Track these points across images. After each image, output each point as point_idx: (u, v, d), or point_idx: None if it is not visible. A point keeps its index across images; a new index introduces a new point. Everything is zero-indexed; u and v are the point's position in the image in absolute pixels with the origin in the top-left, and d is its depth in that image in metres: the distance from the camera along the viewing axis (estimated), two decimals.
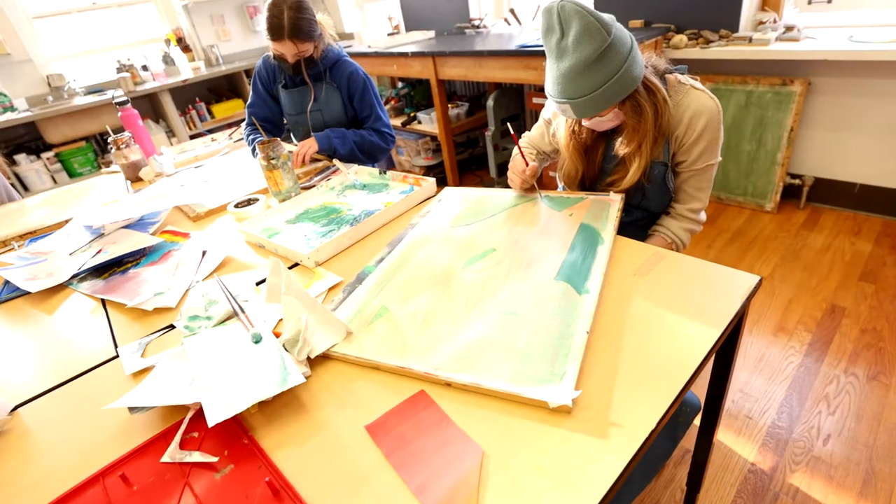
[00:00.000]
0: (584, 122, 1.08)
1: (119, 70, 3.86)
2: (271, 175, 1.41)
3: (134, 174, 1.90)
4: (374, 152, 1.81)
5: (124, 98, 2.00)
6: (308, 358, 0.78)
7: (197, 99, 4.27)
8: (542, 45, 1.01)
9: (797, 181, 2.39)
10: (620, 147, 1.09)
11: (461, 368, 0.69)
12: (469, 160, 3.51)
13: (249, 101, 1.83)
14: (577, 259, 0.89)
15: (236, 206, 1.42)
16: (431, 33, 3.40)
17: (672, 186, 1.14)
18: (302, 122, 1.78)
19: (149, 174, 1.87)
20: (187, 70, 4.15)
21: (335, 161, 1.45)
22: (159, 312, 1.01)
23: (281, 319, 0.88)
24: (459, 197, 1.23)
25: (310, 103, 1.71)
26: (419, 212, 1.19)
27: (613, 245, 0.93)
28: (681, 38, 2.29)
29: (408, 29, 3.78)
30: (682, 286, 0.81)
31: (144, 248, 1.28)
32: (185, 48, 4.26)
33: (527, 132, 1.37)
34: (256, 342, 0.82)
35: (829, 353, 1.66)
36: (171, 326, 0.95)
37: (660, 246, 1.18)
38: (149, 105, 4.17)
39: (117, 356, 0.90)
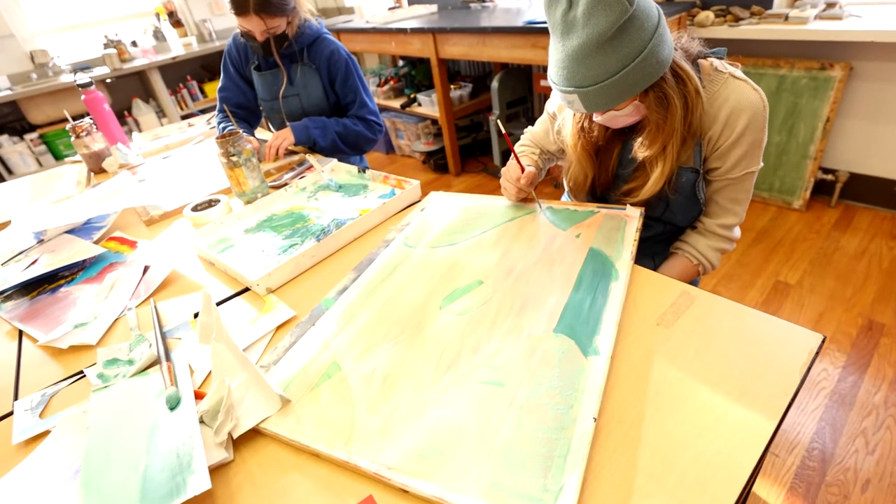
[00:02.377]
0: (596, 118, 0.88)
1: (106, 46, 3.65)
2: (233, 174, 1.22)
3: (97, 165, 1.72)
4: (360, 144, 1.61)
5: (87, 80, 1.80)
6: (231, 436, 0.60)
7: (188, 77, 4.06)
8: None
9: (830, 177, 2.16)
10: (640, 149, 0.89)
11: (422, 471, 0.51)
12: (472, 145, 3.29)
13: (220, 84, 1.63)
14: (583, 302, 0.70)
15: (194, 209, 1.24)
16: (434, 7, 3.15)
17: (703, 198, 0.94)
18: (277, 109, 1.58)
19: (112, 165, 1.68)
20: (178, 46, 3.92)
21: (309, 157, 1.26)
22: (77, 351, 0.83)
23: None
24: (446, 206, 1.03)
25: (282, 88, 1.51)
26: (398, 223, 1.00)
27: (630, 280, 0.74)
28: (707, 15, 2.04)
29: (410, 3, 3.52)
30: (720, 345, 0.63)
31: (85, 260, 1.11)
32: (177, 23, 4.04)
33: (529, 128, 1.17)
34: (172, 408, 0.65)
35: (866, 378, 1.47)
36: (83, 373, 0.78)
37: (685, 269, 1.00)
38: (138, 83, 3.97)
39: (12, 413, 0.73)
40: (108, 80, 3.72)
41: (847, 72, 1.92)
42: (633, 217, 0.88)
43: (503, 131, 0.89)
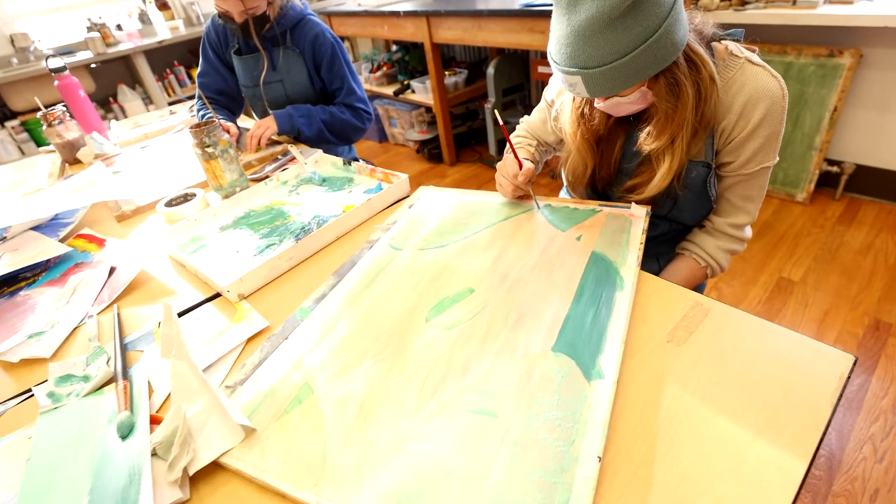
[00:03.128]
0: (598, 104, 0.80)
1: (89, 29, 3.53)
2: (209, 166, 1.14)
3: (71, 155, 1.63)
4: (348, 133, 1.53)
5: (60, 64, 1.70)
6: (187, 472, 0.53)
7: (175, 62, 3.94)
8: (549, 4, 0.72)
9: (835, 168, 2.09)
10: (646, 141, 0.82)
11: None
12: (467, 134, 3.20)
13: (199, 69, 1.53)
14: (585, 315, 0.63)
15: (169, 203, 1.16)
16: None
17: (714, 194, 0.87)
18: (259, 96, 1.49)
19: (87, 156, 1.59)
20: (164, 30, 3.79)
21: (291, 147, 1.18)
22: (29, 365, 0.76)
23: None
24: (436, 202, 0.96)
25: (262, 74, 1.42)
26: (384, 221, 0.93)
27: (636, 288, 0.67)
28: None
29: None
30: (738, 366, 0.56)
31: (49, 260, 1.03)
32: (163, 5, 3.90)
33: (525, 117, 1.09)
34: (123, 437, 0.58)
35: (873, 381, 1.42)
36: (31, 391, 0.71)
37: (692, 271, 0.93)
38: (124, 69, 3.85)
39: None
40: (93, 66, 3.60)
41: (857, 59, 1.84)
42: (638, 217, 0.81)
43: (500, 122, 0.81)
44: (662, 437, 0.50)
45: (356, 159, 1.73)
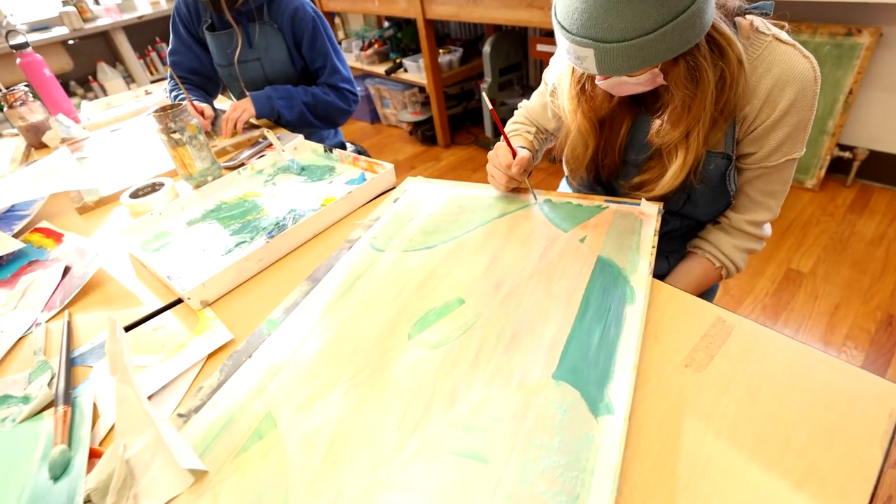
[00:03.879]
0: (598, 81, 0.70)
1: (65, 3, 3.36)
2: (176, 154, 1.04)
3: (36, 139, 1.52)
4: (332, 116, 1.43)
5: (22, 40, 1.58)
6: None
7: (157, 39, 3.78)
8: None
9: (847, 154, 2.00)
10: (657, 134, 0.72)
11: None
12: (463, 115, 3.08)
13: (170, 46, 1.42)
14: (591, 333, 0.55)
15: (134, 194, 1.07)
16: None
17: (734, 189, 0.78)
18: (235, 75, 1.38)
19: (53, 140, 1.49)
20: (145, 5, 3.63)
21: (268, 132, 1.08)
22: None
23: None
24: (423, 196, 0.87)
25: (237, 51, 1.31)
26: (366, 217, 0.84)
27: (649, 301, 0.58)
28: None
29: None
30: (769, 398, 0.48)
31: (1, 257, 0.94)
32: None
33: (523, 101, 0.99)
34: (56, 478, 0.50)
35: (886, 379, 1.35)
36: None
37: (705, 272, 0.85)
38: (103, 45, 3.69)
39: None
40: (70, 42, 3.45)
41: (876, 38, 1.73)
42: (649, 215, 0.72)
43: (490, 107, 0.72)
44: (683, 489, 0.42)
45: (343, 144, 1.63)
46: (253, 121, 1.38)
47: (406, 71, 2.91)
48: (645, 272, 0.62)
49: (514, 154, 0.77)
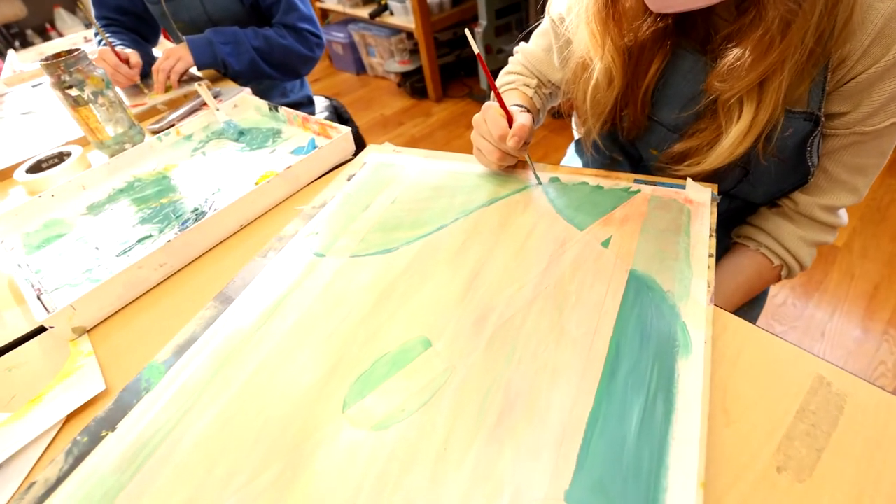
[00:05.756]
0: None
1: None
2: (79, 115, 0.82)
3: None
4: (293, 63, 1.18)
5: None
6: None
7: None
8: None
9: None
10: (728, 74, 0.49)
11: None
12: (456, 64, 2.78)
13: None
14: (625, 414, 0.35)
15: (33, 168, 0.84)
16: None
17: (815, 163, 0.56)
18: (167, 14, 1.12)
19: None
20: None
21: (198, 86, 0.85)
22: None
23: None
24: (389, 173, 0.65)
25: None
26: (310, 203, 0.62)
27: (711, 343, 0.38)
28: None
29: None
30: None
31: None
32: None
33: (521, 45, 0.76)
34: None
35: None
36: None
37: (759, 271, 0.65)
38: None
39: None
40: None
41: None
42: (700, 203, 0.51)
43: (476, 50, 0.49)
44: None
45: (310, 99, 1.38)
46: (198, 73, 1.13)
47: (392, 14, 2.60)
48: (702, 298, 0.41)
49: (511, 120, 0.55)
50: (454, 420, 0.36)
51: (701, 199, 0.51)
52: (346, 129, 0.71)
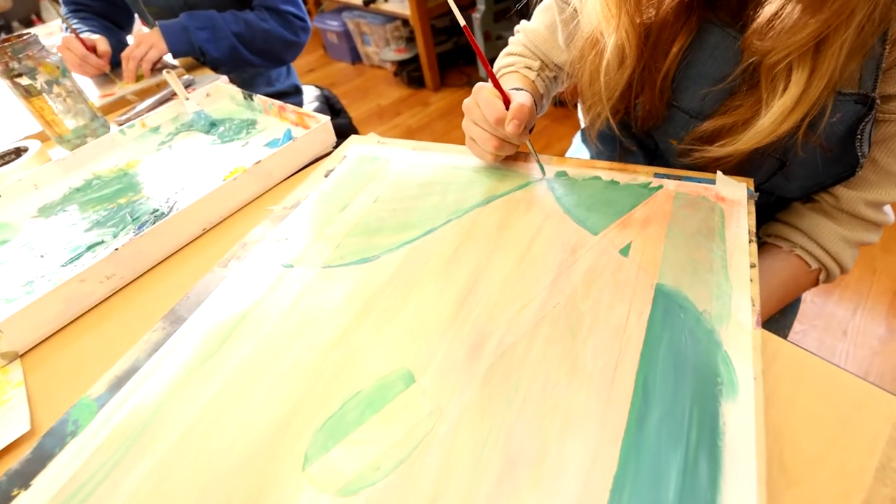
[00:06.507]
0: None
1: None
2: (32, 107, 0.74)
3: None
4: (276, 49, 1.10)
5: None
6: None
7: None
8: None
9: None
10: (770, 31, 0.41)
11: None
12: (454, 52, 2.69)
13: None
14: (661, 477, 0.27)
15: None
16: None
17: (865, 153, 0.48)
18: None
19: None
20: None
21: (165, 73, 0.77)
22: None
23: None
24: (371, 168, 0.57)
25: None
26: (282, 200, 0.54)
27: (767, 385, 0.30)
28: None
29: None
30: None
31: None
32: None
33: (522, 24, 0.68)
34: None
35: None
36: None
37: (794, 275, 0.57)
38: None
39: None
40: None
41: None
42: (734, 202, 0.43)
43: (463, 22, 0.41)
44: None
45: (297, 88, 1.30)
46: (174, 61, 1.05)
47: (386, 0, 2.50)
48: (746, 320, 0.33)
49: (507, 102, 0.47)
50: (441, 483, 0.28)
51: (735, 197, 0.43)
52: (325, 119, 0.63)
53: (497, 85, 0.47)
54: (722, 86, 0.47)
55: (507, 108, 0.47)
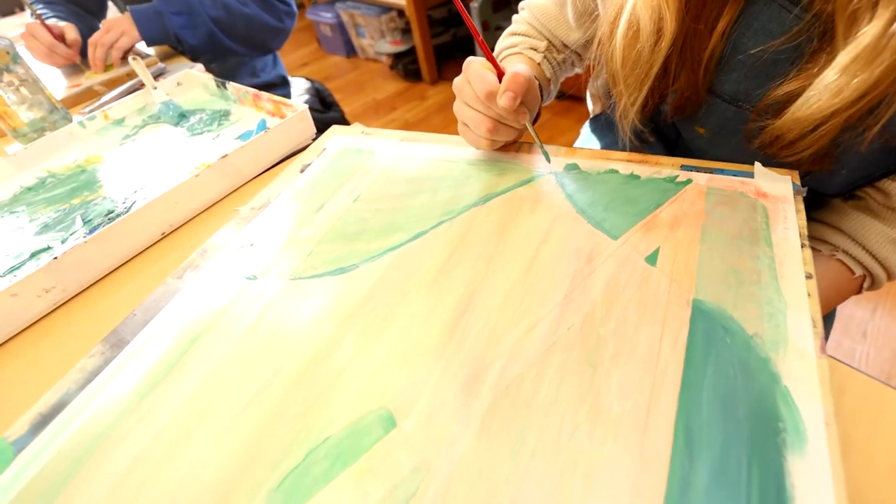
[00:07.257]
0: None
1: None
2: None
3: None
4: (259, 36, 1.03)
5: None
6: None
7: None
8: None
9: None
10: None
11: None
12: (452, 44, 2.61)
13: None
14: None
15: None
16: None
17: None
18: None
19: None
20: None
21: (131, 60, 0.70)
22: None
23: None
24: (353, 162, 0.50)
25: None
26: (251, 199, 0.48)
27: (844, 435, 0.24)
28: None
29: None
30: None
31: None
32: None
33: (527, 0, 0.60)
34: None
35: None
36: None
37: (835, 282, 0.50)
38: None
39: None
40: None
41: None
42: (778, 198, 0.36)
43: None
44: None
45: (284, 79, 1.23)
46: (150, 50, 0.98)
47: None
48: (808, 345, 0.27)
49: (500, 73, 0.40)
50: None
51: (778, 192, 0.37)
52: (303, 108, 0.56)
53: (489, 55, 0.40)
54: (784, 45, 0.39)
55: (499, 78, 0.40)
